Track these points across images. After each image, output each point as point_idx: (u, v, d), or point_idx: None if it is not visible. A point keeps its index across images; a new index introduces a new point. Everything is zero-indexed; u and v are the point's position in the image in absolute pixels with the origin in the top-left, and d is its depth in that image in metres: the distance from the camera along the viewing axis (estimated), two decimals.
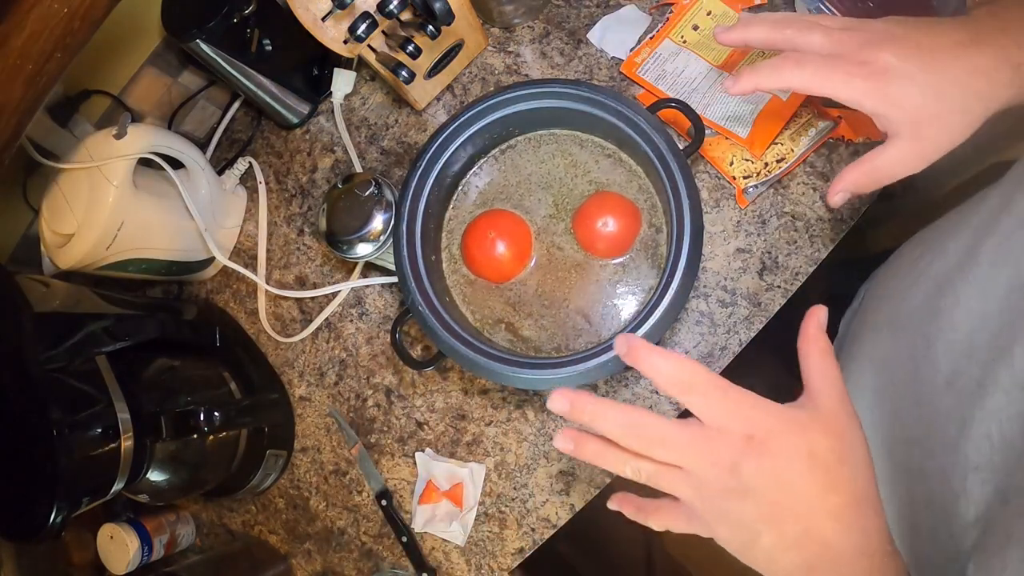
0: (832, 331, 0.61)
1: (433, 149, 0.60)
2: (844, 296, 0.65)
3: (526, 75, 0.71)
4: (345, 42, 0.60)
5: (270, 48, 0.72)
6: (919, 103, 0.38)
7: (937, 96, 0.38)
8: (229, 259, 0.76)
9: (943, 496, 0.38)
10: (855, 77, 0.39)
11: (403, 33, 0.61)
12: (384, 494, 0.68)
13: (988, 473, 0.35)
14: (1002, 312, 0.36)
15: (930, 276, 0.45)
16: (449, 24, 0.58)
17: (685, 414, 0.34)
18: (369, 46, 0.62)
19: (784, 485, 0.33)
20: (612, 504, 0.39)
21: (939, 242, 0.45)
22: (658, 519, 0.37)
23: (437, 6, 0.55)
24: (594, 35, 0.70)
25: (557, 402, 0.34)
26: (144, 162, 0.67)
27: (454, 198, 0.64)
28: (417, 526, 0.66)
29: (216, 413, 0.61)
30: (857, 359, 0.54)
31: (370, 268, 0.73)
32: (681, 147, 0.55)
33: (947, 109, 0.38)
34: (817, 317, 0.37)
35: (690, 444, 0.33)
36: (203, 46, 0.67)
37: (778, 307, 0.61)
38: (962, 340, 0.39)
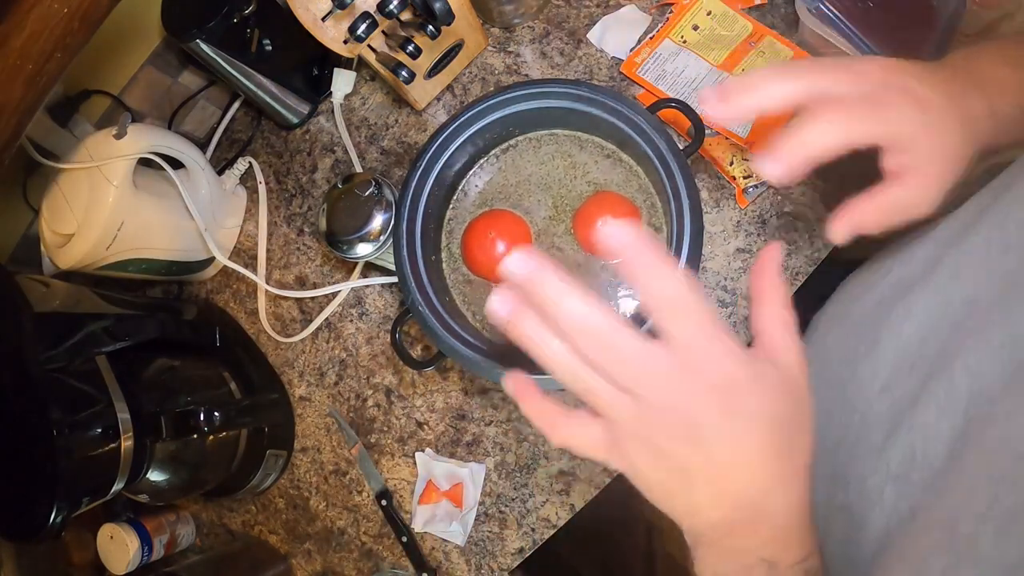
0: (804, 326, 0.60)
1: (433, 149, 0.60)
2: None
3: (526, 75, 0.71)
4: (345, 42, 0.60)
5: (270, 48, 0.73)
6: (935, 142, 0.37)
7: (940, 139, 0.37)
8: (229, 259, 0.76)
9: (860, 503, 0.38)
10: (888, 107, 0.36)
11: (403, 33, 0.61)
12: (384, 494, 0.68)
13: (906, 487, 0.35)
14: (951, 327, 0.36)
15: (890, 280, 0.44)
16: (449, 24, 0.58)
17: None
18: (369, 46, 0.62)
19: (738, 445, 0.31)
20: (507, 385, 0.33)
21: (907, 250, 0.45)
22: (566, 431, 0.32)
23: (437, 6, 0.55)
24: (594, 35, 0.70)
25: (515, 262, 0.29)
26: (144, 162, 0.67)
27: (454, 198, 0.64)
28: (417, 526, 0.66)
29: (216, 413, 0.61)
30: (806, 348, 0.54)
31: (370, 268, 0.73)
32: (681, 147, 0.55)
33: (948, 152, 0.37)
34: (774, 256, 0.33)
35: (655, 374, 0.29)
36: (203, 46, 0.67)
37: None
38: (907, 348, 0.39)
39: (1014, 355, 0.31)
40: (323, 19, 0.58)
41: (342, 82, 0.77)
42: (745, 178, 0.62)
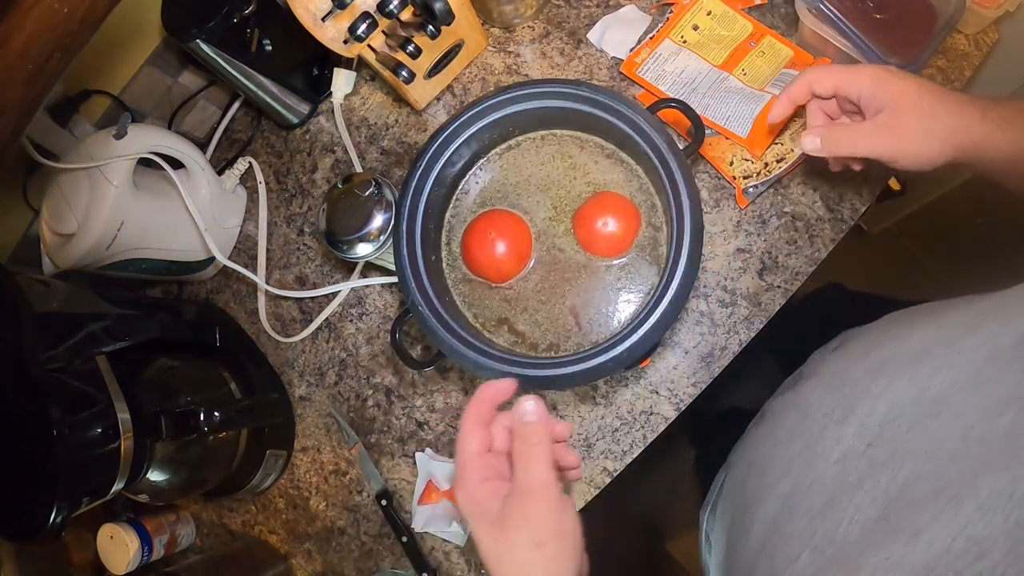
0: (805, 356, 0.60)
1: (433, 149, 0.60)
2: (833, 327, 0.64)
3: (526, 75, 0.71)
4: (345, 42, 0.60)
5: (270, 48, 0.72)
6: (906, 90, 0.46)
7: (919, 94, 0.45)
8: (229, 259, 0.76)
9: (781, 556, 0.39)
10: (863, 66, 0.47)
11: (403, 33, 0.61)
12: (384, 494, 0.68)
13: (818, 558, 0.35)
14: (912, 423, 0.36)
15: (881, 354, 0.45)
16: (449, 24, 0.58)
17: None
18: (369, 46, 0.62)
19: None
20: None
21: (908, 327, 0.46)
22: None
23: (437, 6, 0.55)
24: (594, 35, 0.70)
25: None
26: (144, 162, 0.67)
27: (454, 198, 0.64)
28: (417, 526, 0.66)
29: (216, 413, 0.60)
30: (795, 390, 0.54)
31: (370, 268, 0.73)
32: (681, 147, 0.55)
33: (925, 110, 0.45)
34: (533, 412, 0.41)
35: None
36: (203, 46, 0.67)
37: (778, 307, 0.61)
38: (870, 427, 0.39)
39: (950, 492, 0.31)
40: (323, 19, 0.58)
41: (342, 82, 0.77)
42: (745, 178, 0.62)
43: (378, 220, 0.60)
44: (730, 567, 0.49)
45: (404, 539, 0.67)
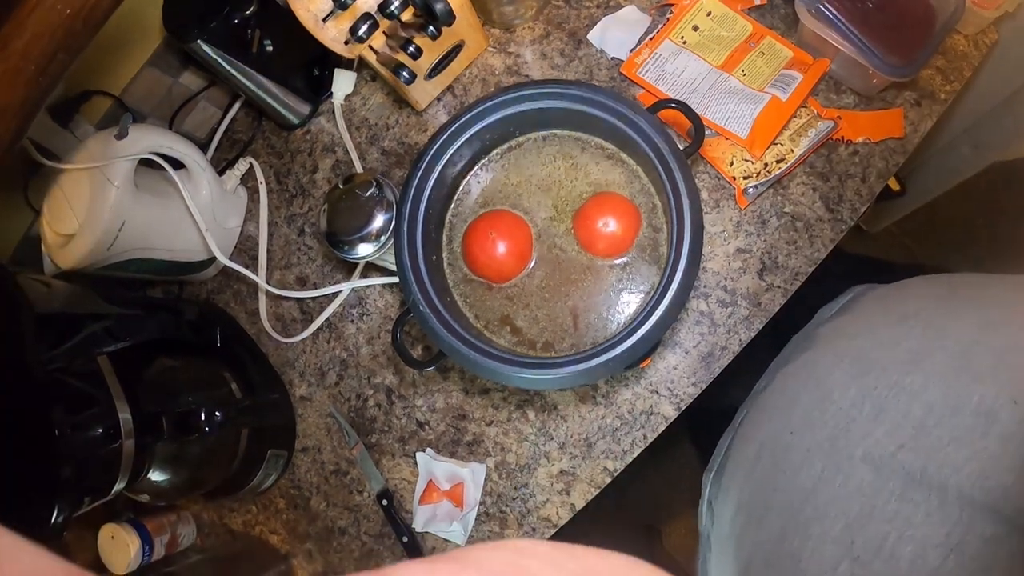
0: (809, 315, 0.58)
1: (434, 150, 0.60)
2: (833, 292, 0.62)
3: (526, 76, 0.72)
4: (346, 43, 0.60)
5: (271, 49, 0.73)
6: None
7: None
8: (230, 259, 0.76)
9: (812, 563, 0.36)
10: None
11: (404, 34, 0.61)
12: (385, 494, 0.68)
13: (863, 571, 0.33)
14: (954, 436, 0.33)
15: (912, 344, 0.40)
16: (450, 25, 0.58)
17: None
18: (370, 47, 0.62)
19: None
20: None
21: (942, 319, 0.40)
22: None
23: (438, 7, 0.55)
24: (594, 36, 0.70)
25: None
26: (145, 162, 0.67)
27: (455, 198, 0.64)
28: (418, 526, 0.66)
29: (217, 413, 0.61)
30: (809, 361, 0.51)
31: (371, 268, 0.73)
32: (681, 147, 0.55)
33: None
34: None
35: None
36: (204, 47, 0.67)
37: (778, 307, 0.61)
38: (904, 427, 0.36)
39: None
40: (324, 20, 0.58)
41: (343, 83, 0.77)
42: (745, 178, 0.62)
43: (379, 220, 0.60)
44: (738, 550, 0.46)
45: (405, 539, 0.67)
